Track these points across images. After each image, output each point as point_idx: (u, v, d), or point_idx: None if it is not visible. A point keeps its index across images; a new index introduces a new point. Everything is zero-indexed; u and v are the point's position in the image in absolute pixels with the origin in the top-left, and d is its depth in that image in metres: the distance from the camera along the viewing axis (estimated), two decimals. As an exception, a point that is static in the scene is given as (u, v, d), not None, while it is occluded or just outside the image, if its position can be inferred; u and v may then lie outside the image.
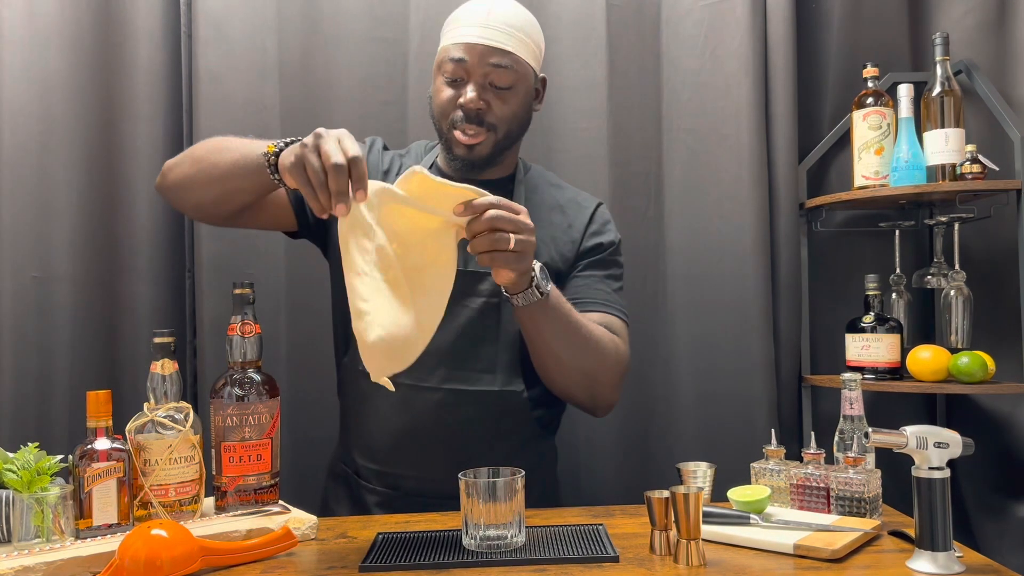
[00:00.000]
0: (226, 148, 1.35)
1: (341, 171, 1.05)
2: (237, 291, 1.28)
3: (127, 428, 1.21)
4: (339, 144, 1.07)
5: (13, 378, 1.84)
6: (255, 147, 1.28)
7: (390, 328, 1.07)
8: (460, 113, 1.38)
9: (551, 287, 1.26)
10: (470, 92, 1.37)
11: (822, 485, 1.23)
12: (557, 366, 1.36)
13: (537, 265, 1.24)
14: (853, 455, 1.24)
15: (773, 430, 1.37)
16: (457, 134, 1.39)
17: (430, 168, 1.49)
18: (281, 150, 1.23)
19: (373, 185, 1.09)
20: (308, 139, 1.10)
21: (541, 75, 1.48)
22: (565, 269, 1.44)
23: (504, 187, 1.45)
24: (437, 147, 1.53)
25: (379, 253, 1.09)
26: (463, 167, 1.44)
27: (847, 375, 1.31)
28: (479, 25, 1.37)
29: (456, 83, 1.38)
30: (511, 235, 1.14)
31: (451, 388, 1.37)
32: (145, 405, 1.23)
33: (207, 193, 1.39)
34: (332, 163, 1.05)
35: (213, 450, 1.25)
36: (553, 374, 1.38)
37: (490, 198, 1.15)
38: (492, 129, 1.40)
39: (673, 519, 1.06)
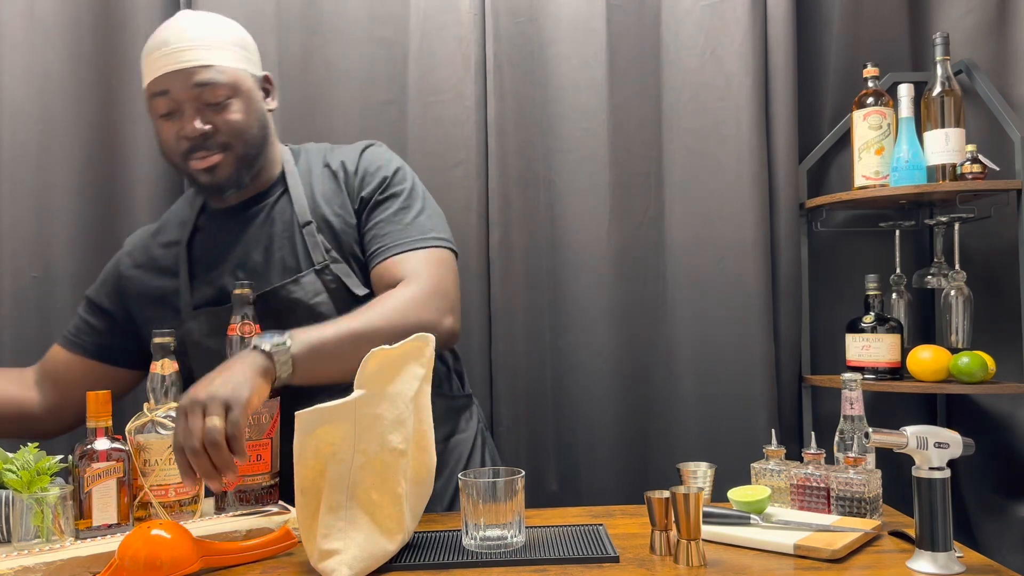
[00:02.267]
0: None
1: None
2: (237, 291, 1.28)
3: (127, 428, 1.21)
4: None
5: (13, 378, 1.84)
6: None
7: (366, 560, 1.03)
8: (187, 144, 1.33)
9: (292, 355, 1.14)
10: (188, 121, 1.31)
11: (822, 485, 1.23)
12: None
13: (265, 344, 1.13)
14: (853, 455, 1.24)
15: (773, 430, 1.37)
16: (193, 164, 1.34)
17: (200, 212, 1.45)
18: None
19: (341, 411, 1.03)
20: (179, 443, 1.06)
21: (262, 73, 1.42)
22: (359, 225, 1.38)
23: (274, 191, 1.42)
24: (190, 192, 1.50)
25: (367, 471, 1.05)
26: (214, 193, 1.38)
27: (847, 375, 1.31)
28: (172, 50, 1.31)
29: (172, 116, 1.33)
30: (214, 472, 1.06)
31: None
32: (145, 405, 1.23)
33: None
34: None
35: (213, 450, 1.25)
36: None
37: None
38: (226, 148, 1.34)
39: (673, 519, 1.06)
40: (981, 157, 1.78)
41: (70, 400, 1.41)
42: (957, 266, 1.90)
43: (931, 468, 1.02)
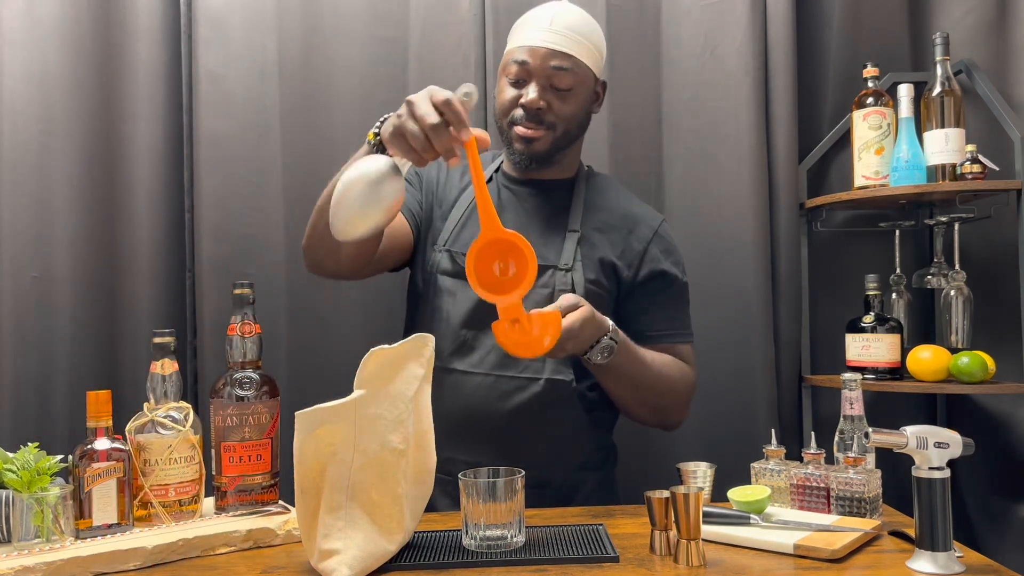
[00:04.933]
0: (334, 177, 1.40)
1: (439, 130, 1.10)
2: (237, 291, 1.28)
3: (127, 428, 1.21)
4: (430, 102, 1.11)
5: (13, 378, 1.84)
6: (358, 152, 1.31)
7: (366, 560, 1.03)
8: (520, 112, 1.45)
9: (613, 356, 1.33)
10: (531, 92, 1.43)
11: (822, 485, 1.23)
12: (625, 404, 1.48)
13: (605, 342, 1.32)
14: (853, 455, 1.24)
15: (773, 430, 1.37)
16: (518, 129, 1.46)
17: (496, 172, 1.58)
18: (379, 132, 1.24)
19: (341, 411, 1.04)
20: (401, 109, 1.14)
21: (602, 79, 1.54)
22: (626, 276, 1.49)
23: (563, 188, 1.54)
24: (501, 155, 1.59)
25: (367, 471, 1.05)
26: (523, 161, 1.49)
27: (847, 375, 1.31)
28: (543, 30, 1.45)
29: (518, 84, 1.46)
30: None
31: (500, 375, 1.42)
32: (145, 405, 1.23)
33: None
34: (429, 124, 1.10)
35: (213, 450, 1.25)
36: (622, 407, 1.49)
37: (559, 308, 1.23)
38: (551, 128, 1.46)
39: (673, 519, 1.06)
40: (981, 157, 1.78)
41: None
42: (957, 266, 1.90)
43: (931, 468, 1.02)
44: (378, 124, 1.25)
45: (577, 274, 1.44)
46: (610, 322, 1.34)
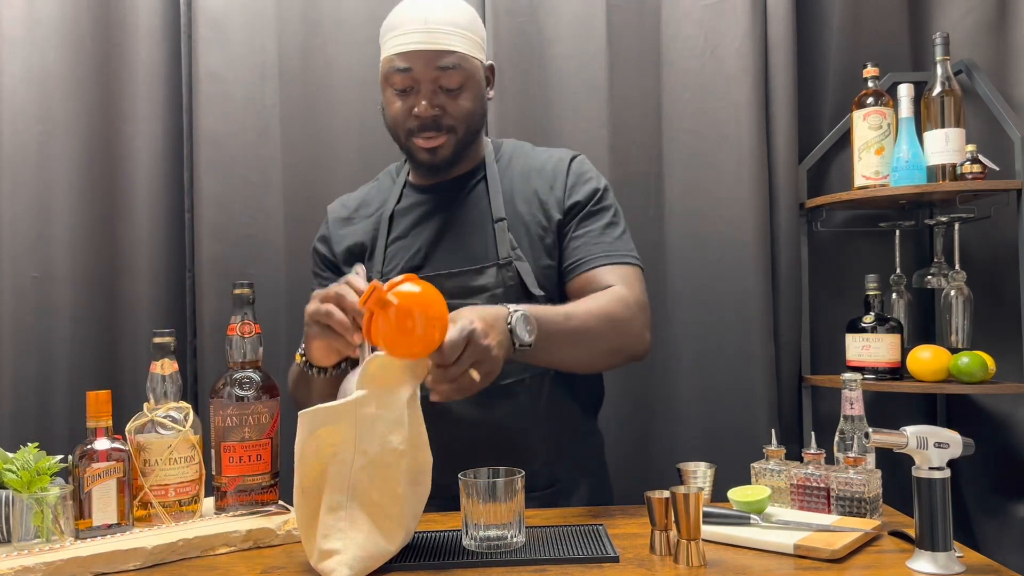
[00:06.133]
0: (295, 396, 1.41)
1: (335, 316, 1.13)
2: (237, 291, 1.28)
3: (127, 428, 1.21)
4: (326, 303, 1.14)
5: (13, 378, 1.85)
6: (292, 370, 1.37)
7: (366, 561, 1.03)
8: (416, 123, 1.38)
9: (531, 335, 1.19)
10: (423, 102, 1.36)
11: (822, 485, 1.23)
12: (578, 364, 1.39)
13: (516, 316, 1.17)
14: (853, 455, 1.24)
15: (773, 430, 1.37)
16: (417, 141, 1.40)
17: (404, 187, 1.50)
18: (303, 352, 1.27)
19: (342, 412, 1.04)
20: (306, 319, 1.18)
21: (488, 63, 1.46)
22: (559, 229, 1.42)
23: (475, 178, 1.47)
24: (405, 166, 1.53)
25: (367, 471, 1.05)
26: (429, 172, 1.45)
27: (847, 375, 1.31)
28: (418, 31, 1.35)
29: (406, 93, 1.38)
30: (474, 373, 1.10)
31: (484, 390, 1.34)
32: (145, 405, 1.23)
33: None
34: (336, 319, 1.13)
35: (213, 450, 1.25)
36: (582, 369, 1.41)
37: (445, 353, 1.07)
38: (451, 131, 1.39)
39: (673, 519, 1.06)
40: (981, 157, 1.78)
41: None
42: (957, 266, 1.90)
43: (931, 468, 1.02)
44: (300, 348, 1.28)
45: (522, 263, 1.38)
46: (503, 306, 1.20)
